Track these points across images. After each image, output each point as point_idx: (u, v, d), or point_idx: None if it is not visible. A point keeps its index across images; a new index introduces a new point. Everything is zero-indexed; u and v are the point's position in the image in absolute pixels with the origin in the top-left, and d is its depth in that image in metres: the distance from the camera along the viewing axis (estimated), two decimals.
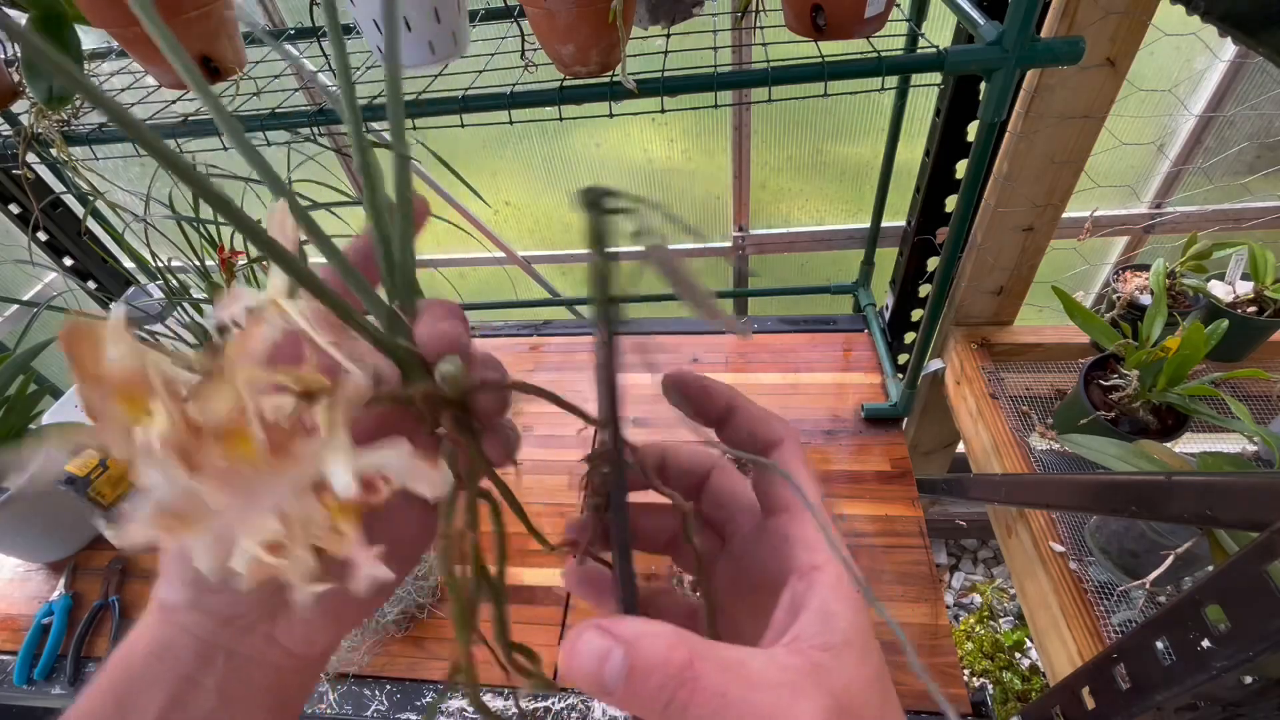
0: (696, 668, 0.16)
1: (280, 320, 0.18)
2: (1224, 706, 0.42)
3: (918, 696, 0.73)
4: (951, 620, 1.68)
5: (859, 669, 0.18)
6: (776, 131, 1.12)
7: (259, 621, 0.21)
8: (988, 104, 0.55)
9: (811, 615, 0.19)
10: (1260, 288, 0.80)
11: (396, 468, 0.17)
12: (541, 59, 0.61)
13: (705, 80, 0.56)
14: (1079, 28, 0.68)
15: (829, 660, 0.18)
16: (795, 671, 0.17)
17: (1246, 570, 0.37)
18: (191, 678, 0.20)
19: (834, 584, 0.20)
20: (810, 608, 0.19)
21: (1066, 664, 0.66)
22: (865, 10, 0.53)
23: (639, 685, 0.16)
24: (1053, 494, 0.66)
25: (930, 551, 0.84)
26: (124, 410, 0.15)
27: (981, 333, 1.00)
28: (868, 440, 0.98)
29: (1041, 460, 0.83)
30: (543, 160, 1.22)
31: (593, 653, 0.16)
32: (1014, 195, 0.84)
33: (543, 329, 1.26)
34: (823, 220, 1.25)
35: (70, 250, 1.16)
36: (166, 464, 0.15)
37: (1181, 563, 0.61)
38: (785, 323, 1.19)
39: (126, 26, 0.55)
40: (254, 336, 0.17)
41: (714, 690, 0.16)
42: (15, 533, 0.91)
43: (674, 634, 0.17)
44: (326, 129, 1.04)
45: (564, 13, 0.52)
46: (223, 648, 0.21)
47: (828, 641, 0.18)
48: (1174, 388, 0.71)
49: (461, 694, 0.19)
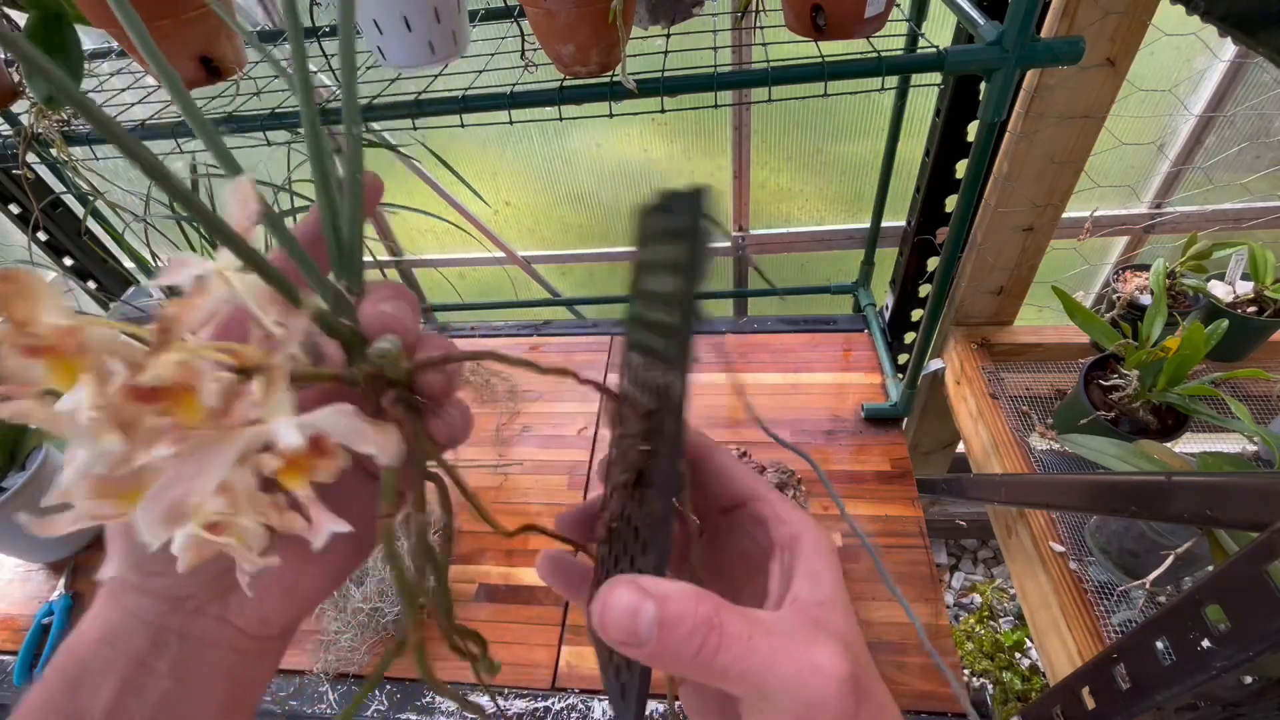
0: (722, 616, 0.18)
1: (225, 291, 0.17)
2: (1224, 706, 0.42)
3: (918, 697, 0.73)
4: (951, 620, 1.68)
5: (847, 619, 0.21)
6: (776, 131, 1.12)
7: (209, 603, 0.21)
8: (988, 104, 0.55)
9: (803, 578, 0.21)
10: (1260, 288, 0.80)
11: (340, 428, 0.17)
12: (541, 59, 0.61)
13: (705, 80, 0.56)
14: (1079, 28, 0.68)
15: (826, 614, 0.20)
16: (803, 625, 0.19)
17: (1246, 570, 0.37)
18: (144, 662, 0.20)
19: (814, 550, 0.22)
20: (800, 572, 0.21)
21: (1066, 664, 0.66)
22: (865, 10, 0.53)
23: (670, 634, 0.17)
24: (1053, 494, 0.66)
25: (930, 551, 0.84)
26: (51, 375, 0.14)
27: (981, 333, 1.00)
28: (868, 440, 0.98)
29: (1041, 460, 0.83)
30: (543, 160, 1.22)
31: (627, 606, 0.18)
32: (1014, 195, 0.84)
33: (543, 329, 1.26)
34: (823, 220, 1.25)
35: (70, 250, 1.16)
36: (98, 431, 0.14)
37: (1181, 563, 0.61)
38: (785, 323, 1.19)
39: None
40: (195, 306, 0.17)
41: (739, 634, 0.18)
42: (15, 533, 0.91)
43: (697, 590, 0.18)
44: (326, 129, 1.04)
45: (564, 13, 0.52)
46: (174, 630, 0.21)
47: (820, 600, 0.20)
48: (1174, 388, 0.71)
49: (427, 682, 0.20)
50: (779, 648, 0.18)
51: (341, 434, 0.17)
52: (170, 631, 0.21)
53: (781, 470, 0.92)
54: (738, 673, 0.18)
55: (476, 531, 0.93)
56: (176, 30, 0.54)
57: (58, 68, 0.13)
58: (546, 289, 1.42)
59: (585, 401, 1.09)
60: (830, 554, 0.22)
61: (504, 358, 0.22)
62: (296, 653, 0.83)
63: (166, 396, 0.15)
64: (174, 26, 0.53)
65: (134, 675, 0.20)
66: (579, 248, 1.37)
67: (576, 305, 1.37)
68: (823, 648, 0.18)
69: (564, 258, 1.39)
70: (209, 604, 0.21)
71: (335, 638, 0.83)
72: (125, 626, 0.20)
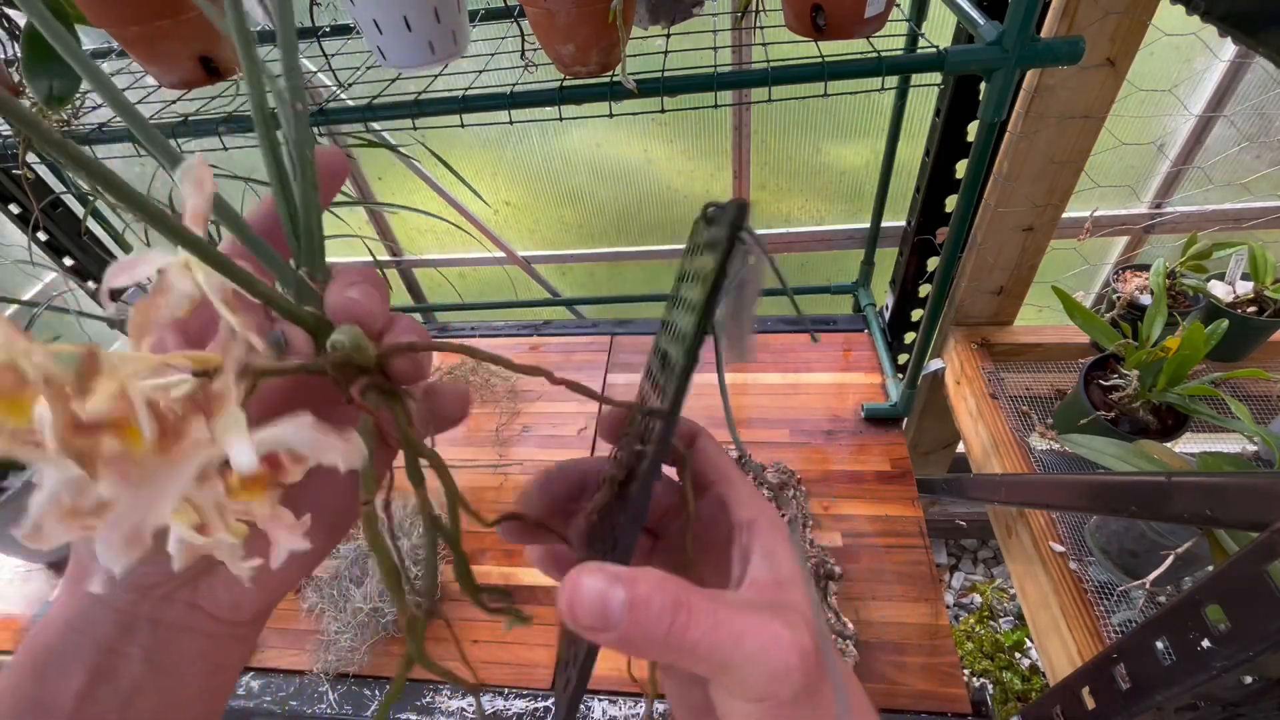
0: (689, 597, 0.18)
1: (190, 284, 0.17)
2: (1224, 706, 0.42)
3: (918, 696, 0.73)
4: (951, 620, 1.68)
5: (804, 596, 0.21)
6: (776, 131, 1.12)
7: (178, 590, 0.21)
8: (988, 104, 0.55)
9: (759, 559, 0.22)
10: (1260, 288, 0.80)
11: (299, 440, 0.16)
12: (541, 59, 0.61)
13: (705, 80, 0.56)
14: (1079, 28, 0.68)
15: (783, 593, 0.21)
16: (764, 602, 0.20)
17: (1246, 570, 0.37)
18: (114, 649, 0.20)
19: (770, 530, 0.22)
20: (757, 552, 0.22)
21: (1066, 664, 0.66)
22: (865, 10, 0.53)
23: (640, 615, 0.18)
24: (1053, 494, 0.66)
25: (930, 551, 0.84)
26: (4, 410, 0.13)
27: (981, 333, 1.00)
28: (868, 440, 0.98)
29: (1041, 460, 0.83)
30: (542, 160, 1.22)
31: (596, 590, 0.18)
32: (1014, 195, 0.84)
33: (543, 329, 1.26)
34: (823, 220, 1.25)
35: (70, 250, 1.16)
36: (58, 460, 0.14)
37: (1181, 563, 0.61)
38: (785, 323, 1.19)
39: (126, 26, 0.55)
40: (157, 306, 0.16)
41: (707, 613, 0.18)
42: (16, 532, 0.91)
43: (662, 574, 0.19)
44: (326, 129, 1.04)
45: (564, 13, 0.52)
46: (145, 617, 0.20)
47: (778, 579, 0.21)
48: (1174, 388, 0.71)
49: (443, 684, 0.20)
50: (744, 623, 0.19)
51: (300, 446, 0.17)
52: (140, 618, 0.20)
53: (782, 470, 0.92)
54: (706, 648, 0.18)
55: (477, 531, 0.93)
56: (176, 30, 0.54)
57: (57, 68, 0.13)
58: (546, 289, 1.42)
59: (585, 402, 1.09)
60: (786, 536, 0.23)
61: (476, 352, 0.22)
62: (296, 653, 0.83)
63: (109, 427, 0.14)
64: (174, 26, 0.53)
65: (105, 661, 0.20)
66: (579, 248, 1.37)
67: (576, 305, 1.37)
68: (784, 623, 0.19)
69: (564, 258, 1.39)
70: (178, 591, 0.21)
71: (335, 638, 0.83)
72: (92, 613, 0.20)
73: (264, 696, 0.81)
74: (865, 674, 0.74)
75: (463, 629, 0.83)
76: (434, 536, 0.21)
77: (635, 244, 1.34)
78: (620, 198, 1.26)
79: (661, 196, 1.25)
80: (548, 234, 1.36)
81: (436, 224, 1.32)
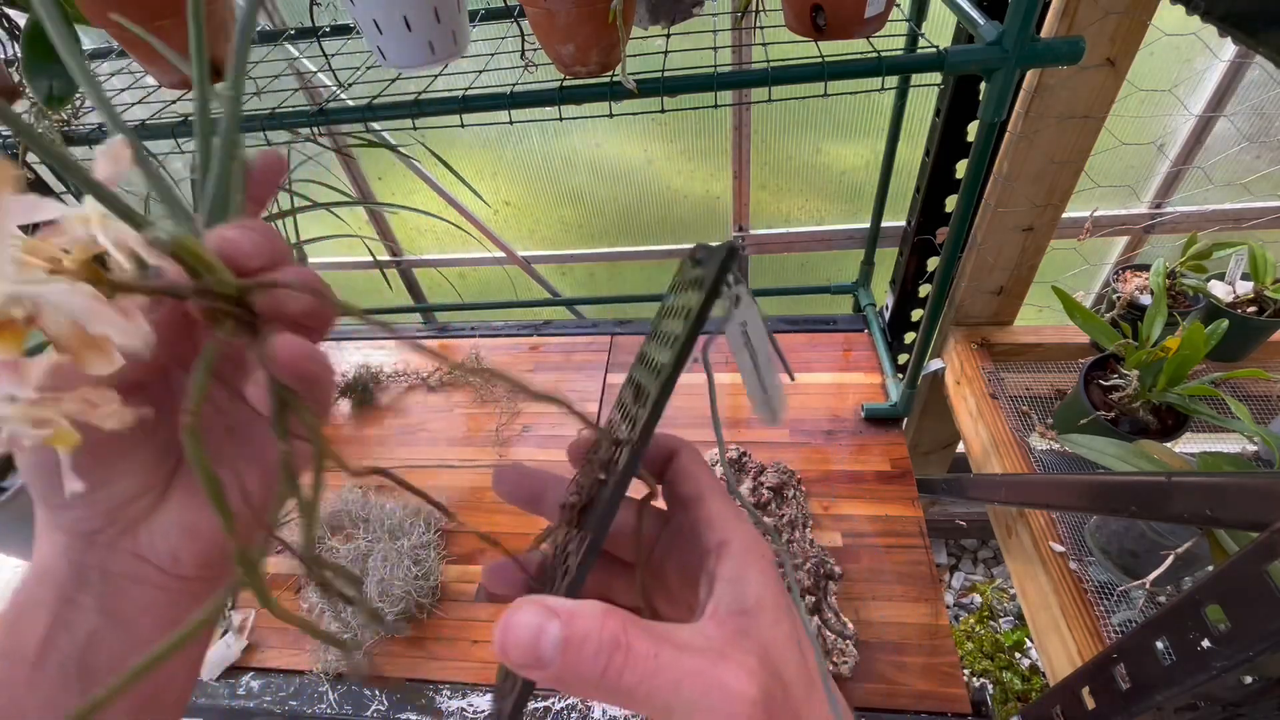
0: (629, 635, 0.17)
1: (81, 230, 0.17)
2: (1224, 706, 0.42)
3: (918, 696, 0.73)
4: (951, 620, 1.68)
5: (774, 629, 0.19)
6: (776, 131, 1.12)
7: (119, 538, 0.21)
8: (988, 104, 0.55)
9: (725, 585, 0.20)
10: (1260, 288, 0.80)
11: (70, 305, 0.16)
12: (541, 59, 0.61)
13: (705, 80, 0.56)
14: (1079, 28, 0.68)
15: (747, 624, 0.19)
16: (720, 639, 0.19)
17: (1246, 570, 0.37)
18: (71, 599, 0.20)
19: (742, 554, 0.21)
20: (723, 579, 0.20)
21: (1066, 664, 0.66)
22: (865, 10, 0.53)
23: (575, 655, 0.17)
24: (1053, 494, 0.66)
25: (930, 551, 0.84)
26: None
27: (981, 333, 1.00)
28: (868, 440, 0.98)
29: (1041, 460, 0.83)
30: (542, 160, 1.22)
31: (530, 625, 0.17)
32: (1014, 195, 0.84)
33: (543, 329, 1.26)
34: (823, 220, 1.25)
35: None
36: None
37: (1181, 563, 0.61)
38: (785, 323, 1.19)
39: (126, 27, 0.55)
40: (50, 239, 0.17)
41: (646, 655, 0.17)
42: (15, 533, 0.91)
43: (605, 608, 0.18)
44: (326, 129, 1.04)
45: (564, 13, 0.52)
46: (95, 567, 0.21)
47: (743, 607, 0.20)
48: (1174, 388, 0.71)
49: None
50: (686, 667, 0.17)
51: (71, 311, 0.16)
52: (92, 568, 0.21)
53: (781, 470, 0.92)
54: (643, 695, 0.17)
55: (471, 532, 0.93)
56: (177, 30, 0.54)
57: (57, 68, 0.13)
58: (546, 289, 1.42)
59: (585, 402, 1.09)
60: (762, 558, 0.21)
61: (383, 325, 0.22)
62: (296, 653, 0.83)
63: None
64: (175, 26, 0.53)
65: (63, 611, 0.20)
66: (579, 248, 1.37)
67: (576, 305, 1.37)
68: (732, 666, 0.18)
69: (564, 258, 1.39)
70: (119, 539, 0.21)
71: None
72: (53, 564, 0.21)
73: (264, 696, 0.81)
74: (865, 674, 0.74)
75: (463, 629, 0.83)
76: (288, 490, 0.20)
77: (635, 244, 1.34)
78: (620, 198, 1.26)
79: (661, 196, 1.25)
80: (548, 234, 1.36)
81: (436, 224, 1.32)
